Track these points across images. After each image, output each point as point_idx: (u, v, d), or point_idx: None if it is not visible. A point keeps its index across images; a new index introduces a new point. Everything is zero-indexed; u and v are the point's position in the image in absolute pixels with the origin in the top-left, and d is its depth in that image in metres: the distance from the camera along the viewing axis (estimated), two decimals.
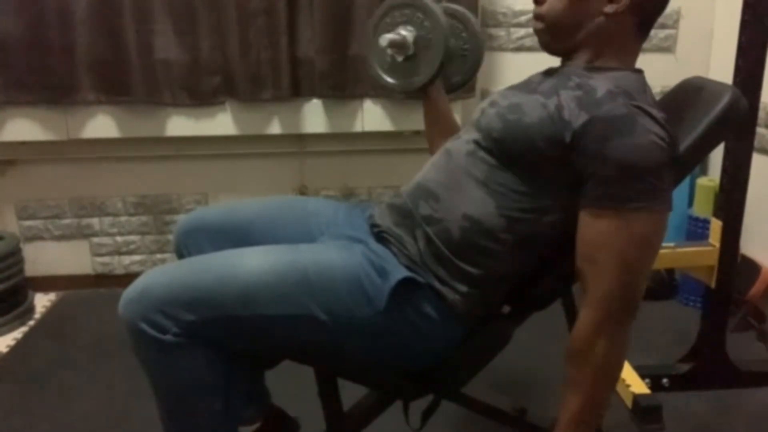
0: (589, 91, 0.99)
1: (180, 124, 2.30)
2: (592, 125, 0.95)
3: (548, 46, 1.11)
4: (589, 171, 0.95)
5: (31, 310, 2.35)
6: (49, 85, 2.18)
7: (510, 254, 1.06)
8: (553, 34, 1.09)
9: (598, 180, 0.94)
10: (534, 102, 1.03)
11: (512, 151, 1.03)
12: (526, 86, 1.12)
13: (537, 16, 1.10)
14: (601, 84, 1.00)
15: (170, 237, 2.52)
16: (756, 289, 2.10)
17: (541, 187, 1.03)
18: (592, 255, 0.96)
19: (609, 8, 1.04)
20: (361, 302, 1.01)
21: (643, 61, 1.12)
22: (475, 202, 1.05)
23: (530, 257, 1.09)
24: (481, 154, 1.06)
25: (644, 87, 1.05)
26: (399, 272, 1.03)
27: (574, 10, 1.05)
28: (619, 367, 1.00)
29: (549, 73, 1.14)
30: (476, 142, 1.08)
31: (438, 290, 1.05)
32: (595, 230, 0.96)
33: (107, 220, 2.53)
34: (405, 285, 1.02)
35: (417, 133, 2.36)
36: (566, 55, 1.12)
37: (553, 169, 1.01)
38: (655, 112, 0.96)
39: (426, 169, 1.14)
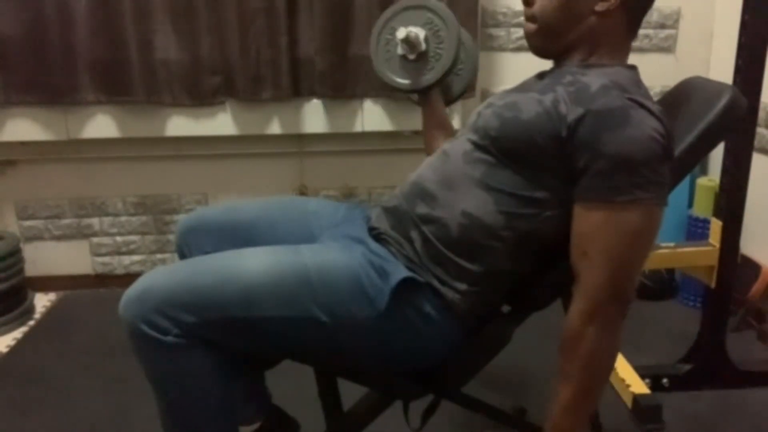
0: (583, 87, 1.00)
1: (180, 124, 2.30)
2: (586, 119, 0.95)
3: (541, 49, 1.12)
4: (582, 164, 0.96)
5: (31, 310, 2.35)
6: (49, 85, 2.18)
7: (509, 252, 1.06)
8: (545, 36, 1.09)
9: (591, 173, 0.95)
10: (530, 99, 1.03)
11: (510, 148, 1.03)
12: (522, 87, 1.13)
13: (529, 18, 1.10)
14: (595, 79, 1.01)
15: (170, 237, 2.52)
16: (756, 289, 2.10)
17: (539, 183, 1.03)
18: (583, 247, 0.97)
19: (600, 6, 1.05)
20: (362, 303, 1.01)
21: (643, 61, 1.13)
22: (473, 199, 1.05)
23: (529, 255, 1.09)
24: (479, 153, 1.07)
25: (638, 82, 1.05)
26: (399, 272, 1.03)
27: (565, 8, 1.06)
28: (610, 359, 1.00)
29: (544, 75, 1.15)
30: (473, 143, 1.08)
31: (437, 290, 1.06)
32: (587, 223, 0.96)
33: (107, 220, 2.53)
34: (405, 285, 1.02)
35: (417, 133, 2.36)
36: (559, 57, 1.12)
37: (551, 164, 1.01)
38: (650, 104, 0.96)
39: (422, 170, 1.14)
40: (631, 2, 1.06)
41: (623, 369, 1.75)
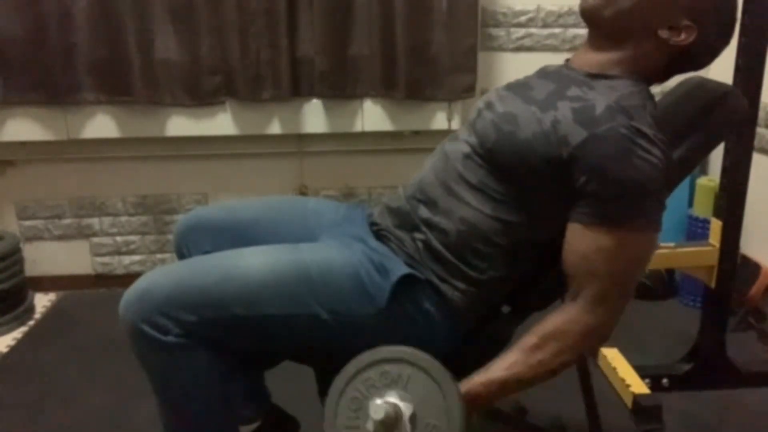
0: (587, 107, 0.98)
1: (180, 124, 2.30)
2: (590, 144, 0.95)
3: (590, 8, 1.06)
4: (587, 189, 0.95)
5: (31, 310, 2.35)
6: (49, 85, 2.18)
7: (506, 257, 1.06)
8: (605, 7, 1.04)
9: (595, 198, 0.95)
10: (530, 115, 1.01)
11: (505, 163, 1.03)
12: (524, 90, 1.09)
13: None
14: (601, 98, 0.99)
15: (170, 237, 2.51)
16: (756, 289, 2.10)
17: (533, 195, 1.03)
18: (587, 267, 0.97)
19: (663, 33, 1.04)
20: (363, 300, 1.01)
21: None
22: (471, 205, 1.05)
23: (527, 261, 1.09)
24: (476, 159, 1.06)
25: (644, 100, 1.02)
26: (399, 269, 1.03)
27: (638, 9, 1.03)
28: (572, 363, 1.02)
29: (548, 74, 1.13)
30: (472, 147, 1.07)
31: (437, 287, 1.06)
32: (591, 246, 0.96)
33: (107, 220, 2.53)
34: (405, 282, 1.03)
35: (417, 133, 2.35)
36: (596, 32, 1.08)
37: (545, 183, 1.00)
38: (652, 133, 0.95)
39: (424, 172, 1.13)
40: (685, 55, 1.06)
41: (623, 369, 1.75)
